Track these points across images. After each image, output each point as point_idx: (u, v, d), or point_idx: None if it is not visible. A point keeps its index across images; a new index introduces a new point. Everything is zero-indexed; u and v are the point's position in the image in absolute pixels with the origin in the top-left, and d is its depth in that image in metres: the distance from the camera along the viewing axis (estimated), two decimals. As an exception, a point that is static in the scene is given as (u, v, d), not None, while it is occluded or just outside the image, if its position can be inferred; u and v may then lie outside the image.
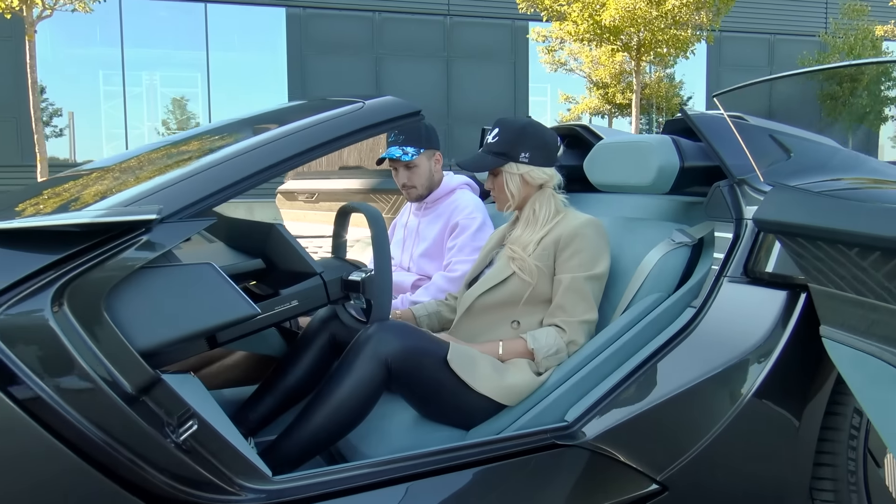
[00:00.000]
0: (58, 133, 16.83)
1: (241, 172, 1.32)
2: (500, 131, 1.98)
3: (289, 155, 1.36)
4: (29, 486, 1.15)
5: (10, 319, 1.10)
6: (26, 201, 1.61)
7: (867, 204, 1.33)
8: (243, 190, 1.32)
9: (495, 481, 1.53)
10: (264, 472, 1.32)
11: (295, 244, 1.53)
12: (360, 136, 1.48)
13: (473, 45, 18.01)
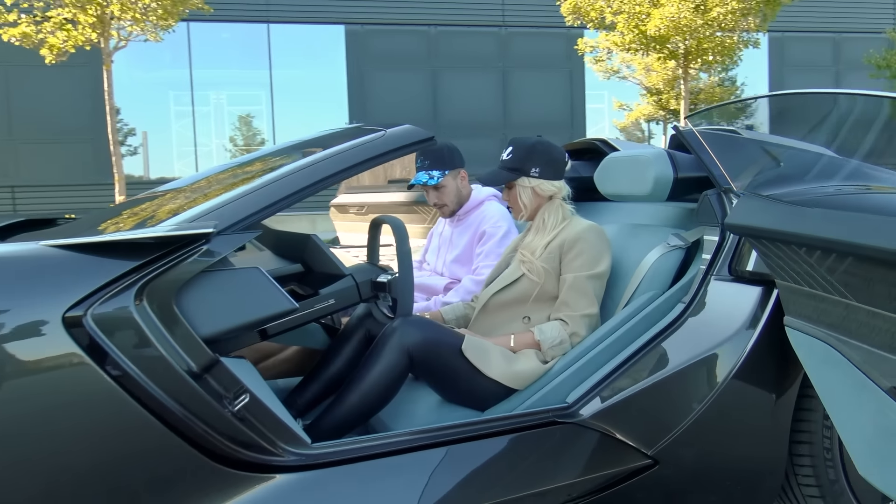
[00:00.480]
0: (132, 152, 17.56)
1: (282, 193, 1.61)
2: (513, 149, 2.24)
3: (321, 177, 1.64)
4: (125, 444, 1.44)
5: (103, 312, 1.40)
6: (112, 218, 1.94)
7: (812, 209, 1.53)
8: (284, 207, 1.61)
9: (502, 451, 1.77)
10: (304, 440, 1.60)
11: (327, 251, 1.82)
12: (382, 159, 1.76)
13: (529, 55, 18.13)
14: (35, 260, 1.41)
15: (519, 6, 17.76)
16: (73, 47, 9.40)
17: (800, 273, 1.59)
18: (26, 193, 16.01)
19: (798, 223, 1.53)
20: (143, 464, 1.46)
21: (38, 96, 15.69)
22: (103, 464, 1.44)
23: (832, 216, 1.46)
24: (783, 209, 1.60)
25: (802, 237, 1.51)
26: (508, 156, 2.24)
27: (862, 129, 2.05)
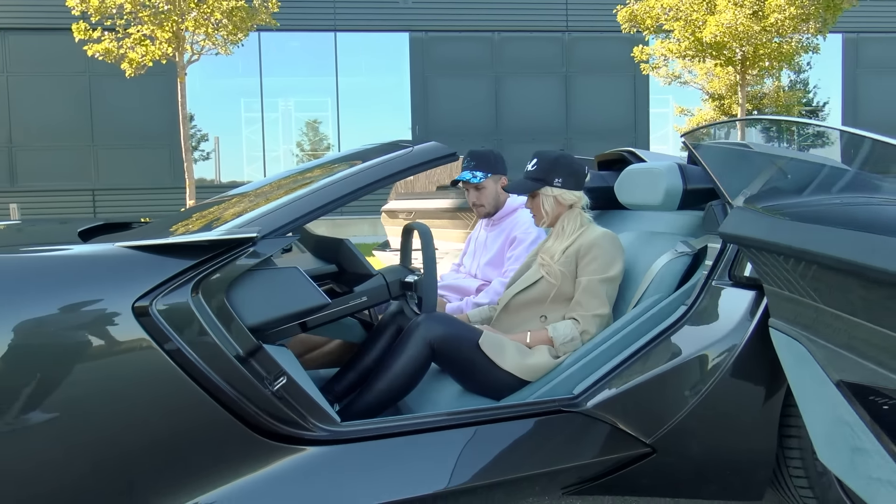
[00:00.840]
0: (205, 157, 18.23)
1: (317, 203, 1.86)
2: (537, 161, 2.44)
3: (352, 190, 1.88)
4: (182, 416, 1.70)
5: (165, 303, 1.66)
6: (182, 221, 2.22)
7: (787, 221, 1.69)
8: (320, 215, 1.85)
9: (512, 435, 1.98)
10: (334, 418, 1.84)
11: (358, 253, 2.06)
12: (409, 173, 1.99)
13: (592, 59, 18.09)
14: (111, 258, 1.68)
15: (582, 11, 17.74)
16: (151, 61, 10.02)
17: (781, 278, 1.75)
18: (105, 196, 16.85)
19: (776, 233, 1.69)
20: (196, 433, 1.71)
21: (118, 104, 16.53)
22: (164, 432, 1.70)
23: (800, 228, 1.62)
24: (765, 220, 1.76)
25: (779, 246, 1.67)
26: (533, 167, 2.45)
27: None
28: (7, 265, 1.64)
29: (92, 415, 1.63)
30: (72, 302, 1.60)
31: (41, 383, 1.58)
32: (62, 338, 1.60)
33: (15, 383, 1.55)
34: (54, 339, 1.59)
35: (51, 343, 1.58)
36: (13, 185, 16.72)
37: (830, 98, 19.57)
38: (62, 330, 1.60)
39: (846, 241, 1.47)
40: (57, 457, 1.60)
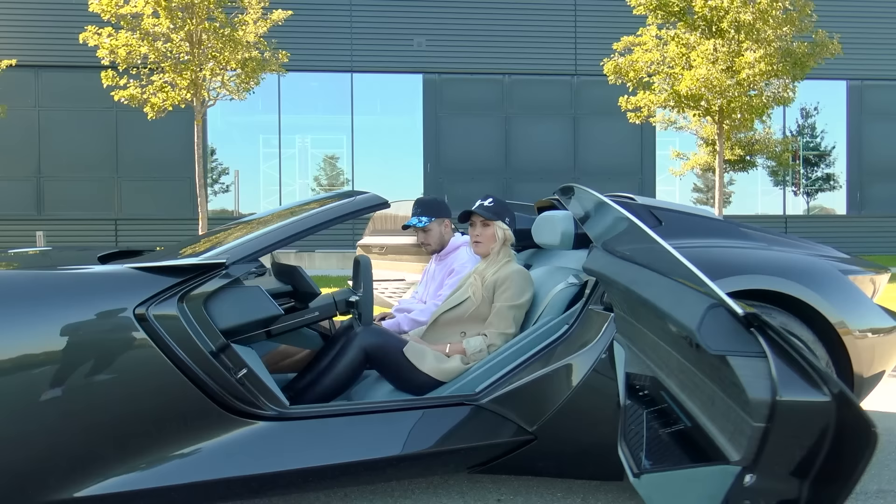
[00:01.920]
0: (224, 189, 18.96)
1: (276, 238, 2.46)
2: (493, 200, 3.06)
3: (301, 230, 2.49)
4: (167, 398, 2.27)
5: (159, 309, 2.25)
6: (184, 247, 2.84)
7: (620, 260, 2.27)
8: (278, 248, 2.46)
9: (425, 419, 2.54)
10: (283, 402, 2.42)
11: (306, 276, 2.67)
12: (349, 218, 2.61)
13: (600, 102, 18.53)
14: (120, 276, 2.29)
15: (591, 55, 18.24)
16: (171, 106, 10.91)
17: (617, 302, 2.33)
18: (127, 226, 17.61)
19: (608, 269, 2.27)
20: (179, 407, 2.29)
21: (142, 139, 17.35)
22: (155, 409, 2.27)
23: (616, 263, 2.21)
24: (606, 258, 2.35)
25: (608, 278, 2.26)
26: (490, 203, 3.07)
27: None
28: (47, 280, 2.25)
29: (103, 391, 2.21)
30: (91, 307, 2.21)
31: (66, 368, 2.16)
32: (84, 335, 2.19)
33: (50, 368, 2.14)
34: (78, 335, 2.18)
35: (75, 338, 2.17)
36: (40, 213, 17.53)
37: (836, 143, 20.05)
38: (83, 328, 2.19)
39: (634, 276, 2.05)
40: (78, 418, 2.18)
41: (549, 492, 2.81)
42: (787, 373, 1.43)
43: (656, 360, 1.98)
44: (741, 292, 2.63)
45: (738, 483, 1.50)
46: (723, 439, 1.58)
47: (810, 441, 1.43)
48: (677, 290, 1.77)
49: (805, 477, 1.49)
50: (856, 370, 2.72)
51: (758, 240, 2.99)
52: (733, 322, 1.57)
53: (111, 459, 2.24)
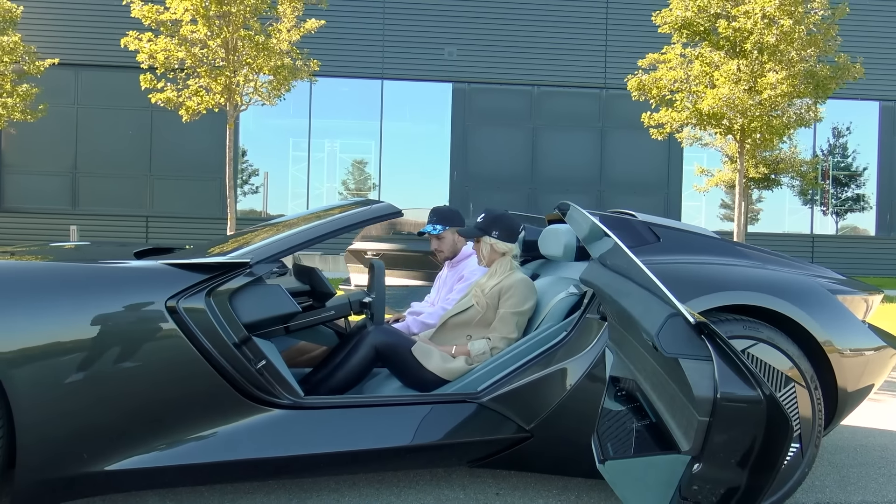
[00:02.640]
0: (254, 190, 19.28)
1: (296, 241, 2.68)
2: (484, 216, 3.25)
3: (320, 234, 2.70)
4: (193, 384, 2.48)
5: (188, 303, 2.47)
6: (213, 246, 3.06)
7: (610, 273, 2.45)
8: (297, 251, 2.67)
9: (430, 414, 2.73)
10: (298, 392, 2.62)
11: (323, 277, 2.88)
12: (365, 224, 2.81)
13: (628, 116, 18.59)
14: (154, 271, 2.52)
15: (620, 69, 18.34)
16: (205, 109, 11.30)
17: (609, 311, 2.51)
18: (158, 223, 18.02)
19: (599, 279, 2.45)
20: (203, 393, 2.50)
21: (175, 139, 17.79)
22: (181, 393, 2.49)
23: (607, 275, 2.38)
24: (599, 270, 2.53)
25: (599, 288, 2.43)
26: (480, 219, 3.25)
27: None
28: (87, 272, 2.48)
29: (135, 376, 2.42)
30: (127, 299, 2.43)
31: (102, 354, 2.38)
32: (119, 324, 2.41)
33: (87, 353, 2.36)
34: (113, 324, 2.40)
35: (110, 327, 2.39)
36: (74, 208, 18.01)
37: (868, 164, 19.95)
38: (118, 318, 2.41)
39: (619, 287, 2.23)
40: (111, 399, 2.40)
41: (546, 489, 2.99)
42: (727, 373, 1.61)
43: (637, 364, 2.15)
44: (731, 307, 2.78)
45: (688, 470, 1.69)
46: (678, 432, 1.76)
47: (746, 434, 1.61)
48: (647, 301, 1.96)
49: (744, 466, 1.66)
50: (840, 385, 2.86)
51: (752, 258, 3.14)
52: (687, 329, 1.77)
53: (139, 438, 2.45)
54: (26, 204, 17.83)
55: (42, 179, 17.98)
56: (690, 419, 1.66)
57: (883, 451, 3.67)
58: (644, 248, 3.02)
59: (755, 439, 1.62)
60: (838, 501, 2.96)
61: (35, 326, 2.30)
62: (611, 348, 2.46)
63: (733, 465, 1.66)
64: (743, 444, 1.64)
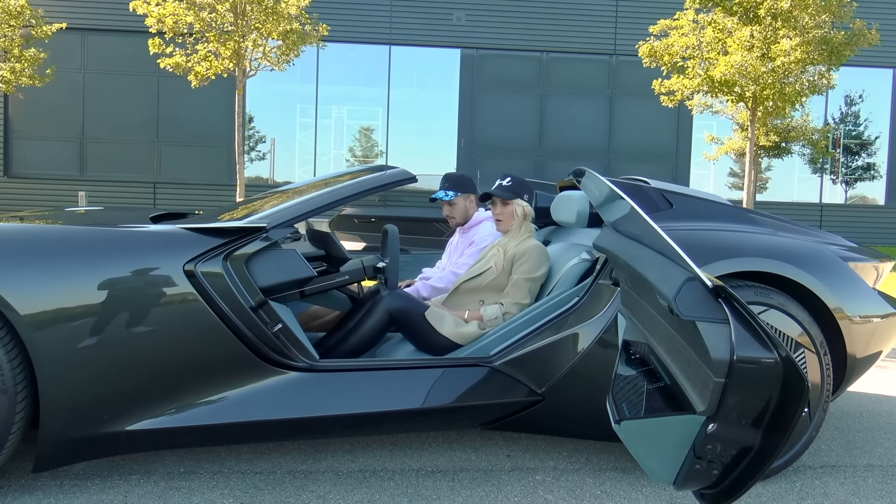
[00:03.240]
0: (261, 157, 19.24)
1: (312, 206, 2.69)
2: (511, 179, 3.27)
3: (335, 199, 2.72)
4: (211, 347, 2.52)
5: (206, 267, 2.50)
6: (229, 211, 3.08)
7: (624, 238, 2.46)
8: (313, 216, 2.69)
9: (443, 378, 2.77)
10: (314, 355, 2.66)
11: (337, 242, 2.90)
12: (380, 190, 2.82)
13: (637, 83, 18.45)
14: (173, 235, 2.54)
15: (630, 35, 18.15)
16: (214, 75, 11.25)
17: (622, 276, 2.53)
18: (166, 190, 18.05)
19: (612, 245, 2.47)
20: (221, 356, 2.54)
21: (183, 105, 17.73)
22: (199, 355, 2.52)
23: (621, 241, 2.40)
24: (613, 236, 2.54)
25: (612, 254, 2.45)
26: (508, 182, 3.28)
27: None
28: (107, 236, 2.51)
29: (154, 338, 2.46)
30: (145, 262, 2.46)
31: (122, 316, 2.41)
32: (138, 287, 2.43)
33: (107, 316, 2.40)
34: (133, 287, 2.43)
35: (129, 290, 2.42)
36: (82, 174, 18.03)
37: (880, 132, 19.77)
38: (138, 281, 2.44)
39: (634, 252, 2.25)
40: (131, 361, 2.44)
41: (556, 451, 3.04)
42: (744, 336, 1.63)
43: (650, 328, 2.18)
44: (743, 273, 2.80)
45: (703, 431, 1.72)
46: (693, 393, 1.79)
47: (762, 394, 1.64)
48: (663, 265, 1.98)
49: (758, 426, 1.69)
50: (849, 351, 2.89)
51: (765, 225, 3.15)
52: (705, 293, 1.79)
53: (158, 399, 2.50)
54: (34, 170, 17.87)
55: (49, 145, 17.99)
56: (706, 380, 1.69)
57: (888, 416, 3.71)
58: (657, 215, 3.02)
59: (770, 400, 1.65)
60: (844, 465, 3.00)
61: (56, 290, 2.33)
62: (623, 313, 2.49)
63: (747, 425, 1.69)
64: (758, 404, 1.66)
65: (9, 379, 2.27)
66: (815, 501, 2.63)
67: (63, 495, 2.47)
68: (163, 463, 2.79)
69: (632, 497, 2.62)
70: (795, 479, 2.83)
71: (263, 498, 2.51)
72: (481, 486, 2.67)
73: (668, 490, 2.69)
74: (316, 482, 2.65)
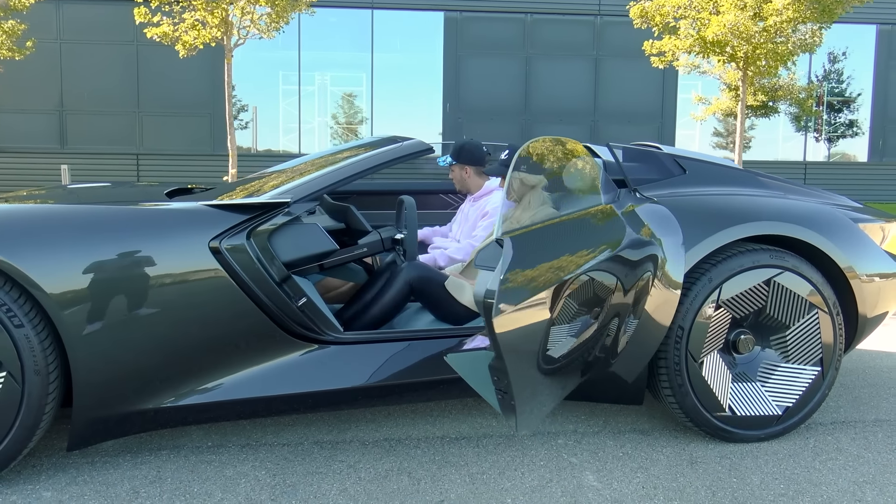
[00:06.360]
0: (243, 126, 19.01)
1: (334, 180, 2.69)
2: (509, 153, 3.26)
3: (355, 173, 2.72)
4: (240, 321, 2.53)
5: (230, 243, 2.50)
6: (240, 186, 3.07)
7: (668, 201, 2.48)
8: (335, 189, 2.69)
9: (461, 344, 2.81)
10: (338, 327, 2.68)
11: (359, 215, 2.90)
12: (398, 162, 2.82)
13: (622, 44, 18.44)
14: (198, 212, 2.53)
15: (615, -5, 18.05)
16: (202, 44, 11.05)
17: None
18: (149, 161, 17.86)
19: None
20: (247, 331, 2.55)
21: (163, 74, 17.46)
22: (226, 331, 2.53)
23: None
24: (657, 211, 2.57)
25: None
26: (506, 156, 3.26)
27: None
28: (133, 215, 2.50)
29: (180, 316, 2.47)
30: (171, 240, 2.45)
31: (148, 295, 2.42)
32: (164, 264, 2.43)
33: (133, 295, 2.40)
34: (159, 265, 2.43)
35: (155, 268, 2.42)
36: (63, 147, 17.80)
37: (863, 89, 19.88)
38: (164, 259, 2.43)
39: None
40: (157, 340, 2.45)
41: (574, 414, 3.10)
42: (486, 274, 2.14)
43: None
44: (758, 237, 2.85)
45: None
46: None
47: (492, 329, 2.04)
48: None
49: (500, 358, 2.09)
50: (860, 311, 2.95)
51: (775, 188, 3.19)
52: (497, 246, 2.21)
53: (186, 376, 2.51)
54: (13, 143, 17.59)
55: (28, 118, 17.71)
56: (488, 320, 2.04)
57: (890, 371, 3.80)
58: (671, 181, 3.06)
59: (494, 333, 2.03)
60: (853, 420, 3.09)
61: (83, 269, 2.33)
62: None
63: (498, 357, 2.08)
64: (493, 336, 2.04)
65: (41, 360, 2.28)
66: (829, 457, 2.71)
67: (96, 472, 2.50)
68: (189, 437, 2.82)
69: (653, 458, 2.69)
70: (808, 435, 2.91)
71: (295, 469, 2.55)
72: (506, 451, 2.73)
73: (687, 450, 2.76)
74: (344, 452, 2.70)
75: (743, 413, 2.80)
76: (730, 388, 2.79)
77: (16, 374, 2.26)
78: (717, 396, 2.78)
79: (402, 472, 2.54)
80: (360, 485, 2.44)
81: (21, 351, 2.26)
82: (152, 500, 2.30)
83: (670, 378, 2.77)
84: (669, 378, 2.77)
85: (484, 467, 2.58)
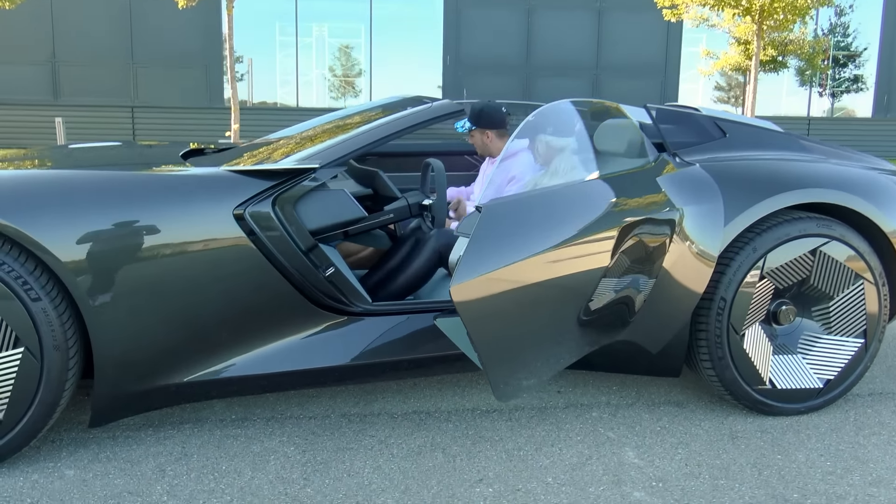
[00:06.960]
0: (238, 78, 18.73)
1: (362, 143, 2.55)
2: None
3: (385, 135, 2.58)
4: (263, 293, 2.41)
5: (255, 210, 2.37)
6: (257, 150, 2.92)
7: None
8: (364, 153, 2.55)
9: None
10: (367, 298, 2.57)
11: (388, 181, 2.77)
12: (427, 125, 2.67)
13: (628, -5, 18.15)
14: (221, 178, 2.40)
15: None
16: (205, -6, 10.71)
17: None
18: (144, 114, 17.53)
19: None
20: (274, 301, 2.44)
21: (157, 24, 17.04)
22: (251, 302, 2.42)
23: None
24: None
25: None
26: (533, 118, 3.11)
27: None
28: (152, 181, 2.36)
29: (204, 286, 2.35)
30: (195, 208, 2.32)
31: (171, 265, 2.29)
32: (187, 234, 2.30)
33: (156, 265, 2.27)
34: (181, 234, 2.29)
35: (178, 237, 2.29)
36: (56, 99, 17.45)
37: (870, 44, 19.56)
38: (187, 227, 2.30)
39: None
40: (181, 311, 2.34)
41: (606, 385, 3.01)
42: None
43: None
44: (803, 205, 2.73)
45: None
46: None
47: None
48: None
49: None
50: (905, 280, 2.85)
51: (816, 152, 3.05)
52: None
53: (211, 349, 2.41)
54: (7, 95, 17.23)
55: (20, 69, 17.31)
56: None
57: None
58: (711, 145, 2.92)
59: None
60: (892, 391, 3.01)
61: (102, 239, 2.20)
62: None
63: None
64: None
65: (59, 334, 2.17)
66: (871, 431, 2.64)
67: (119, 448, 2.41)
68: (212, 410, 2.73)
69: (692, 433, 2.61)
70: (848, 408, 2.83)
71: (324, 444, 2.47)
72: (540, 424, 2.65)
73: (726, 423, 2.68)
74: (374, 426, 2.61)
75: (783, 386, 2.71)
76: (770, 361, 2.70)
77: (34, 349, 2.15)
78: (758, 369, 2.69)
79: (435, 447, 2.46)
80: (394, 462, 2.35)
81: (39, 325, 2.14)
82: (180, 480, 2.22)
83: (710, 350, 2.68)
84: (710, 350, 2.68)
85: (519, 443, 2.50)
